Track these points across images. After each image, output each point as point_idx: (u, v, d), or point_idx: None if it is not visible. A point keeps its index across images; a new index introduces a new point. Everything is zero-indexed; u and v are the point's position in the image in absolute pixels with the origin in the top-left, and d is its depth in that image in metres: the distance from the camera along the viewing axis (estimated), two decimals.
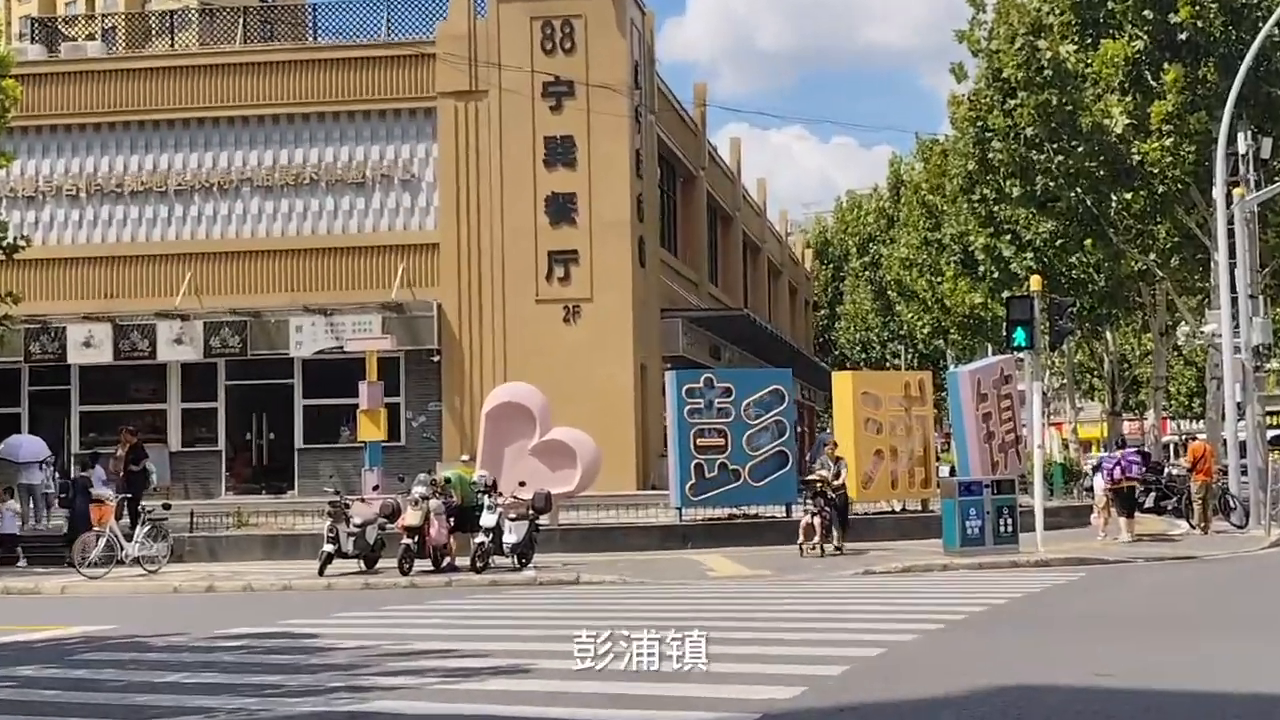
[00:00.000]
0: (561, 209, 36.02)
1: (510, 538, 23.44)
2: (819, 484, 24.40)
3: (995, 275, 43.59)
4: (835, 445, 26.08)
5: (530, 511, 24.08)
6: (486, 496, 23.72)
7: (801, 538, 24.29)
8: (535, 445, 27.09)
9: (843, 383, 30.06)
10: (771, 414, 28.35)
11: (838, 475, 24.90)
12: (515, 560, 23.59)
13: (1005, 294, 36.38)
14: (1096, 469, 31.13)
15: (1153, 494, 29.86)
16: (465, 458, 29.06)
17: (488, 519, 23.34)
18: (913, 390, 29.94)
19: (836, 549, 24.30)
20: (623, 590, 20.68)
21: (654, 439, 36.95)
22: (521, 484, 24.54)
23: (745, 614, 16.64)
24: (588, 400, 33.97)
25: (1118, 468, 27.88)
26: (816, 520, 24.07)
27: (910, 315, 62.46)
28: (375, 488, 27.13)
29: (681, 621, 15.99)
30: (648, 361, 37.30)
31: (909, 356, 75.51)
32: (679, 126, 44.73)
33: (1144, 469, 28.23)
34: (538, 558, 24.16)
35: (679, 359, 38.75)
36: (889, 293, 70.16)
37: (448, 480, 24.04)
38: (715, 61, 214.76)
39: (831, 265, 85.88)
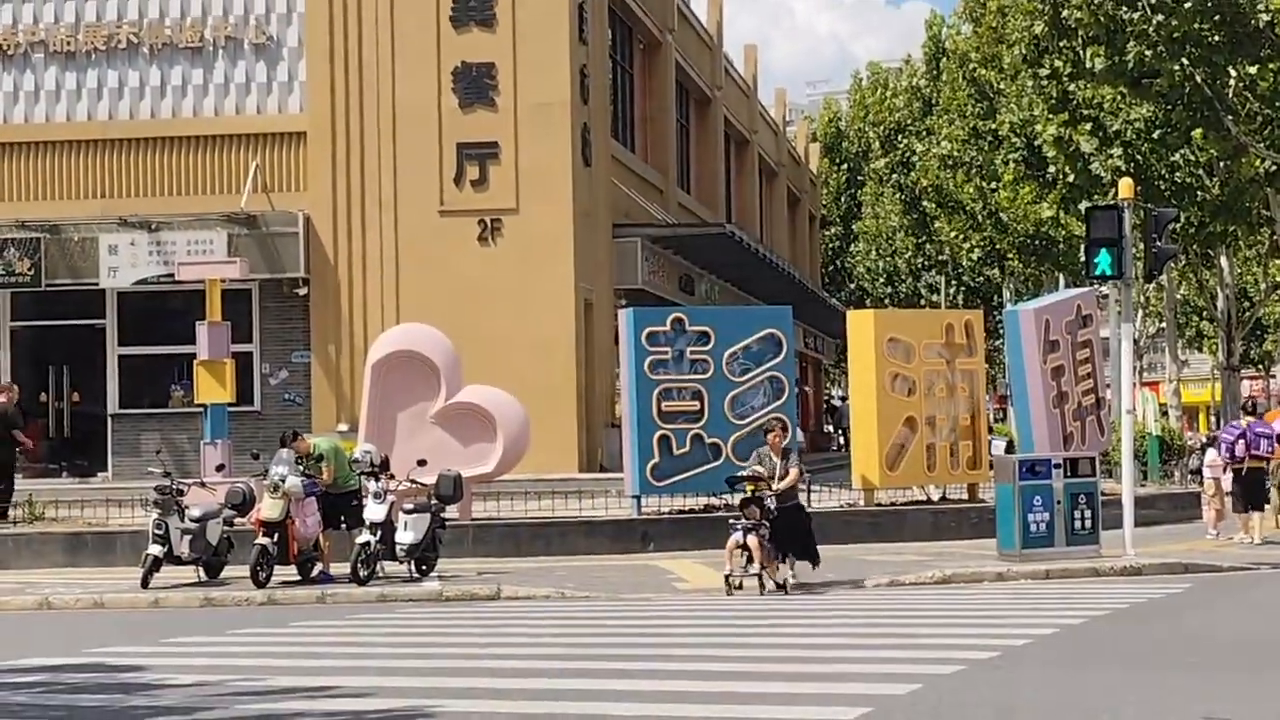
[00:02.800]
0: (475, 85, 35.84)
1: (406, 536, 23.41)
2: (752, 486, 22.42)
3: (1070, 179, 43.69)
4: (783, 430, 23.79)
5: (433, 501, 24.06)
6: (373, 480, 23.66)
7: (728, 565, 21.91)
8: (440, 410, 27.06)
9: (861, 324, 30.12)
10: (764, 368, 28.41)
11: (782, 475, 22.58)
12: (412, 567, 23.56)
13: (1085, 204, 36.40)
14: (1210, 444, 31.31)
15: None
16: (343, 428, 29.08)
17: (374, 511, 23.30)
18: (957, 335, 30.04)
19: (780, 585, 22.03)
20: (560, 608, 20.71)
21: (604, 402, 36.95)
22: (421, 463, 24.50)
23: (726, 642, 16.67)
24: (512, 349, 33.89)
25: (1241, 441, 28.05)
26: (751, 540, 21.75)
27: (954, 234, 62.64)
28: (219, 468, 27.04)
29: (639, 652, 16.04)
30: (595, 296, 37.23)
31: (952, 290, 75.80)
32: None
33: (1275, 444, 28.40)
34: (444, 563, 24.15)
35: (638, 293, 38.71)
36: (924, 203, 70.26)
37: (318, 456, 23.94)
38: None
39: (847, 166, 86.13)
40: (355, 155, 36.36)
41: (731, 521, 22.39)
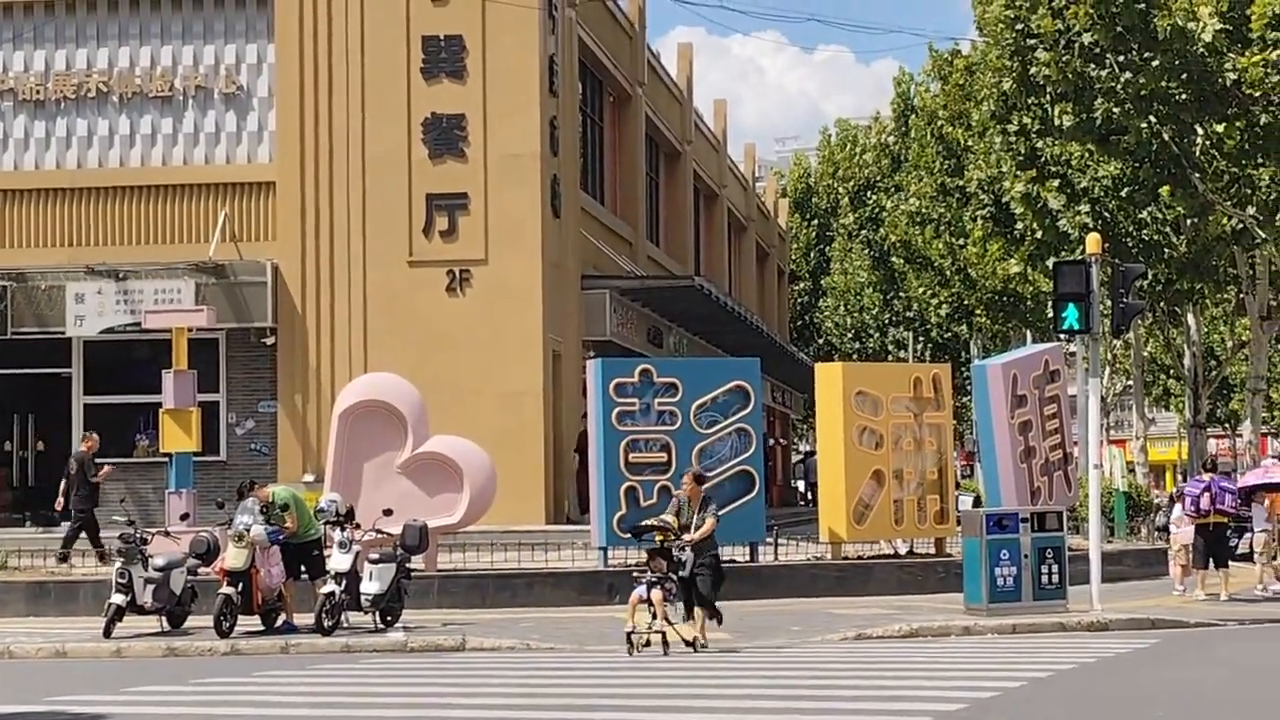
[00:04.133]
0: (445, 136, 35.83)
1: (371, 587, 23.34)
2: (661, 537, 21.28)
3: (1038, 235, 43.83)
4: (696, 477, 22.45)
5: (399, 551, 23.99)
6: (338, 530, 23.59)
7: (630, 620, 20.84)
8: (406, 460, 27.00)
9: (829, 378, 30.13)
10: (732, 420, 28.38)
11: (698, 525, 21.47)
12: (377, 618, 23.48)
13: (1052, 260, 36.53)
14: (1176, 499, 31.38)
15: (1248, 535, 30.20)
16: (309, 478, 28.98)
17: (339, 561, 23.23)
18: (925, 390, 30.05)
19: (690, 644, 20.95)
20: (525, 660, 20.62)
21: (570, 455, 36.88)
22: (387, 513, 24.45)
23: (691, 695, 16.62)
24: (480, 399, 33.83)
25: (1206, 495, 28.11)
26: (655, 594, 20.69)
27: (922, 290, 62.81)
28: (184, 517, 26.94)
29: (602, 703, 15.98)
30: (563, 347, 37.19)
31: (920, 346, 75.94)
32: (610, 27, 44.67)
33: (1239, 501, 28.46)
34: (409, 614, 24.06)
35: (606, 344, 38.66)
36: (893, 259, 70.47)
37: (283, 505, 23.83)
38: None
39: (816, 221, 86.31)
40: (324, 205, 36.29)
41: (636, 575, 21.49)
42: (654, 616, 20.68)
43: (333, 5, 36.34)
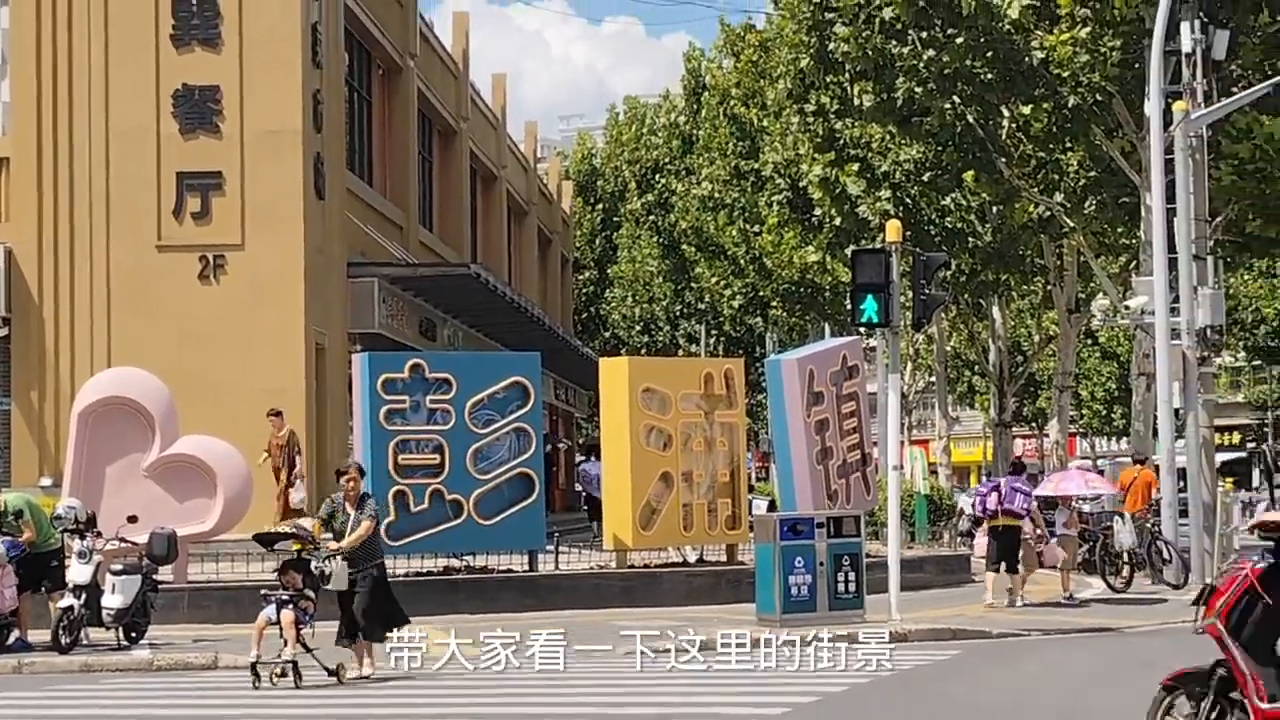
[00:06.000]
0: (198, 109, 35.39)
1: (113, 600, 22.97)
2: (298, 546, 19.61)
3: (837, 222, 44.35)
4: (358, 474, 20.66)
5: (144, 562, 23.66)
6: (78, 539, 23.22)
7: (254, 647, 19.10)
8: (154, 463, 26.63)
9: (615, 373, 30.17)
10: (510, 419, 28.31)
11: (349, 525, 19.89)
12: (120, 634, 23.12)
13: (851, 249, 36.91)
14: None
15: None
16: (46, 482, 28.41)
17: (79, 572, 22.85)
18: (716, 386, 30.20)
19: (333, 672, 19.23)
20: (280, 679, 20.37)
21: (336, 456, 36.59)
22: (132, 520, 24.10)
23: (453, 714, 16.57)
24: (237, 397, 33.43)
25: (994, 494, 28.57)
26: (286, 615, 18.98)
27: (714, 280, 63.22)
28: None
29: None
30: (327, 340, 36.91)
31: (712, 340, 76.45)
32: None
33: (1030, 501, 28.72)
34: (157, 630, 23.73)
35: (375, 337, 38.43)
36: (684, 247, 70.87)
37: (16, 513, 23.41)
38: None
39: (602, 206, 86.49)
40: (64, 184, 35.66)
41: (264, 593, 19.65)
42: (285, 642, 18.89)
43: None
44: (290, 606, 18.90)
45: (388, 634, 19.48)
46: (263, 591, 19.77)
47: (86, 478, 26.37)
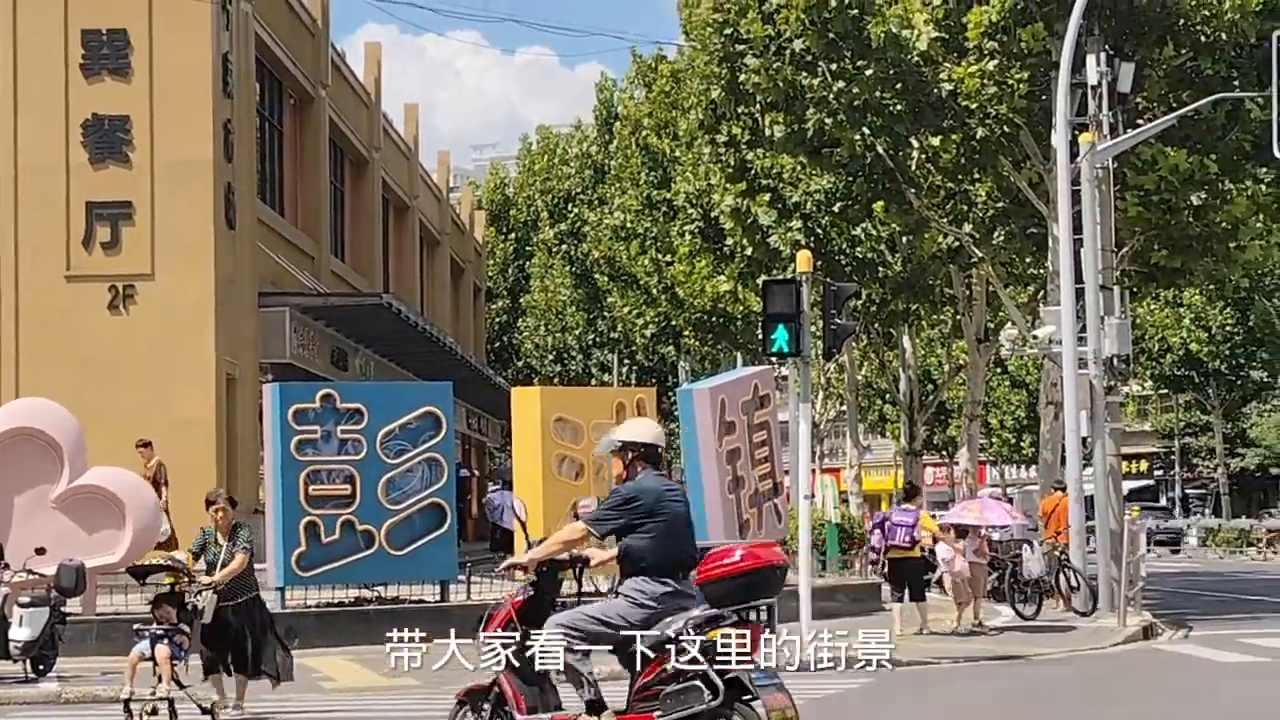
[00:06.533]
0: (107, 139, 35.21)
1: (21, 633, 22.78)
2: (171, 579, 18.82)
3: (749, 252, 44.44)
4: (227, 505, 19.69)
5: (53, 594, 23.45)
6: None
7: (127, 684, 18.40)
8: (62, 494, 26.35)
9: (527, 403, 30.16)
10: (422, 448, 28.19)
11: (225, 561, 19.10)
12: (28, 666, 22.92)
13: (762, 279, 37.03)
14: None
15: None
16: None
17: None
18: (628, 415, 30.19)
19: (209, 710, 18.51)
20: (185, 711, 20.17)
21: (247, 487, 36.41)
22: (40, 551, 23.88)
23: None
24: (147, 427, 33.19)
25: (877, 531, 28.95)
26: (161, 650, 18.18)
27: (627, 309, 63.25)
28: None
29: None
30: (239, 370, 36.75)
31: (625, 369, 76.48)
32: (290, 24, 44.27)
33: (915, 530, 28.90)
34: (65, 662, 23.51)
35: (286, 367, 38.30)
36: (596, 277, 70.89)
37: None
38: None
39: (515, 236, 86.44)
40: None
41: (138, 627, 18.89)
42: (159, 678, 18.01)
43: None
44: (165, 641, 18.11)
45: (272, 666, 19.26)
46: (136, 626, 19.04)
47: None
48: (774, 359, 29.79)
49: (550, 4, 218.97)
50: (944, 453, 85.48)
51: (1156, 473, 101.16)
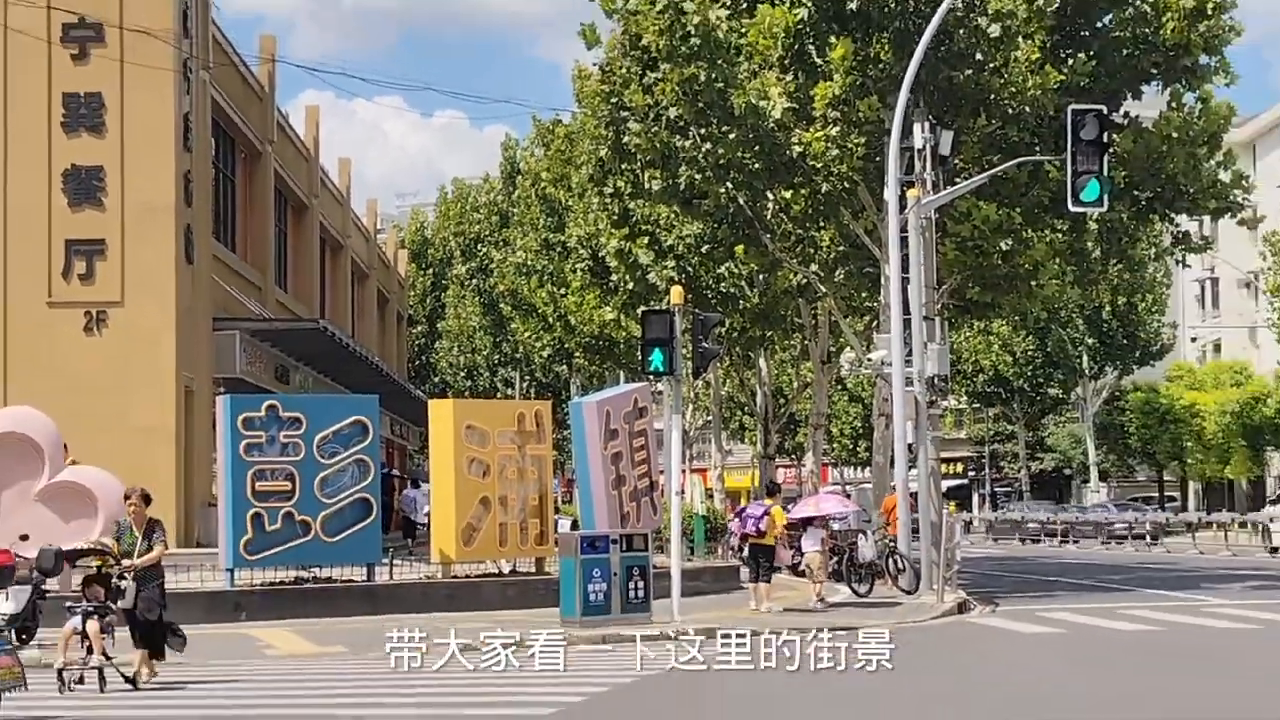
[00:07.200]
0: (84, 186, 34.92)
1: (7, 607, 22.35)
2: (100, 562, 18.66)
3: (630, 287, 44.47)
4: (140, 500, 19.19)
5: (34, 574, 23.12)
6: None
7: (60, 655, 18.12)
8: (43, 488, 26.15)
9: (442, 413, 30.05)
10: (352, 451, 28.07)
11: (143, 552, 18.77)
12: (13, 635, 22.58)
13: (641, 309, 37.05)
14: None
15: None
16: None
17: None
18: (528, 424, 30.17)
19: (131, 679, 18.10)
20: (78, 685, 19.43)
21: (202, 483, 36.13)
22: (24, 537, 23.70)
23: (301, 704, 16.40)
24: (116, 432, 32.97)
25: (735, 520, 29.06)
26: (91, 625, 18.01)
27: (527, 334, 63.13)
28: None
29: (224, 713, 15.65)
30: (195, 384, 36.49)
31: (525, 385, 76.34)
32: (240, 89, 44.02)
33: (759, 522, 28.93)
34: (45, 633, 23.20)
35: (237, 381, 38.07)
36: (501, 306, 70.73)
37: None
38: (294, 15, 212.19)
39: (432, 271, 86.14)
40: None
41: (69, 605, 18.71)
42: (89, 651, 17.89)
43: None
44: (95, 617, 17.91)
45: (165, 647, 18.80)
46: (68, 604, 18.73)
47: None
48: (651, 377, 29.85)
49: (462, 74, 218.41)
50: (793, 456, 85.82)
51: (970, 473, 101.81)
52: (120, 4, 35.05)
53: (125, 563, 18.53)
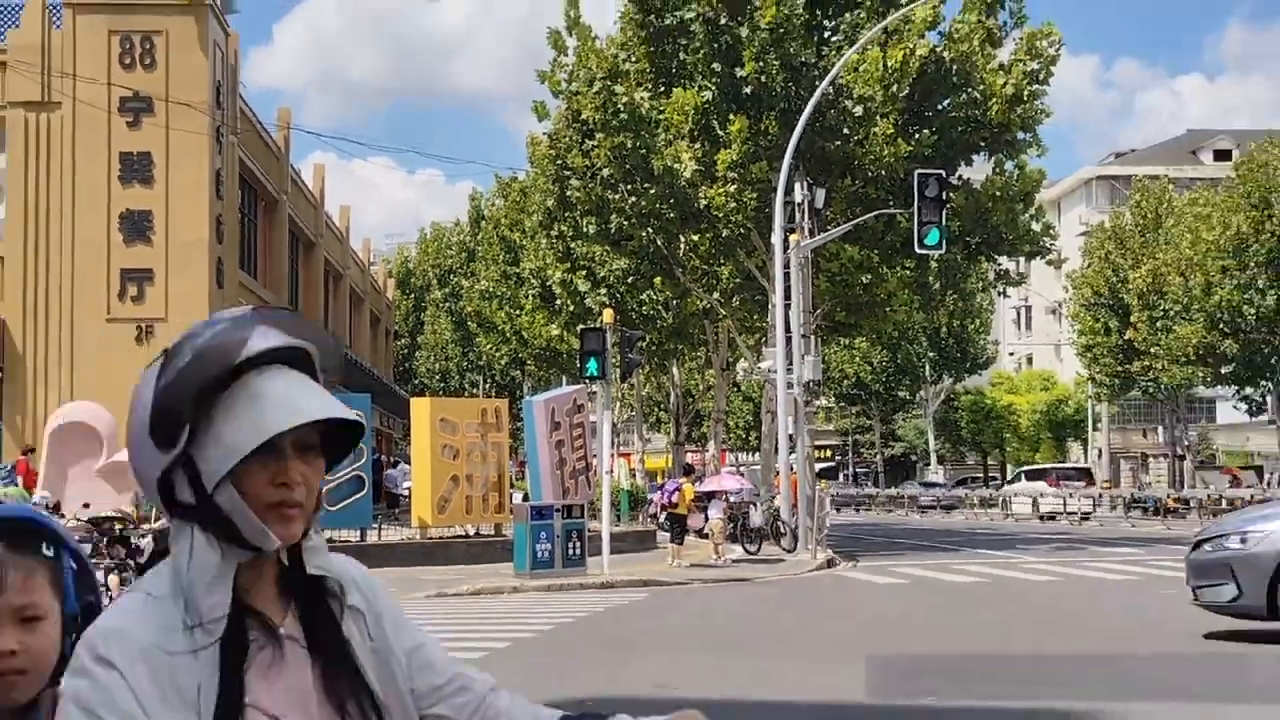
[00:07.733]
0: (136, 226, 34.63)
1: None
2: (121, 525, 17.63)
3: (571, 309, 44.49)
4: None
5: (93, 535, 22.93)
6: None
7: None
8: (102, 466, 25.93)
9: (420, 409, 29.98)
10: None
11: (153, 514, 17.62)
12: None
13: (580, 327, 37.12)
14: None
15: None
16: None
17: None
18: (489, 417, 30.14)
19: None
20: None
21: None
22: (86, 506, 23.36)
23: None
24: None
25: (660, 493, 29.15)
26: (113, 579, 16.56)
27: (489, 346, 63.01)
28: None
29: None
30: None
31: (487, 386, 76.14)
32: (262, 150, 43.72)
33: (672, 495, 28.97)
34: None
35: None
36: (469, 324, 70.58)
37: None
38: (306, 89, 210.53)
39: (413, 295, 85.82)
40: (42, 275, 34.62)
41: (94, 561, 18.06)
42: (111, 600, 16.95)
43: (51, 126, 34.78)
44: (115, 573, 16.59)
45: None
46: (93, 560, 18.16)
47: (55, 476, 25.58)
48: (588, 381, 29.81)
49: (440, 140, 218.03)
50: (698, 444, 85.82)
51: (837, 458, 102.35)
52: (166, 82, 34.78)
53: (147, 525, 18.25)
